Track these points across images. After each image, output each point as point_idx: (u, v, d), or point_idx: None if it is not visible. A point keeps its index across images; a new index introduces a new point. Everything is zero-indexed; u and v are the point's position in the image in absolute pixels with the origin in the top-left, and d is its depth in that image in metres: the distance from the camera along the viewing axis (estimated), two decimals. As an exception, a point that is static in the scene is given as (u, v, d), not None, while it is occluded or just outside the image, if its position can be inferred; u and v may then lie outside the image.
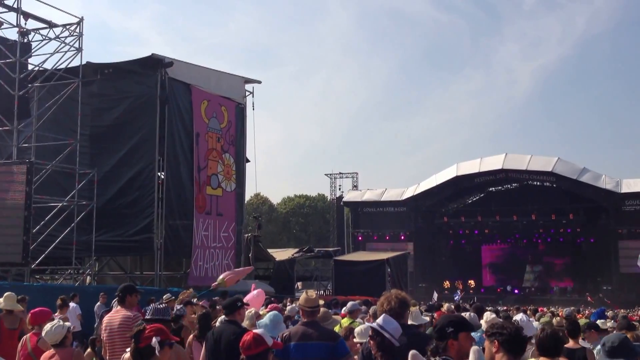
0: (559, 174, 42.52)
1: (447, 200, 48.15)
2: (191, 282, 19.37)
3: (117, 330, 6.30)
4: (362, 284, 22.99)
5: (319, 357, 5.22)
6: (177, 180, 19.68)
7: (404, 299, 4.79)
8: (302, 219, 71.29)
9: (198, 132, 20.42)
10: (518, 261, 47.26)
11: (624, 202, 42.27)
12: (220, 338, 5.67)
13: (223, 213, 21.48)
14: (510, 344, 3.36)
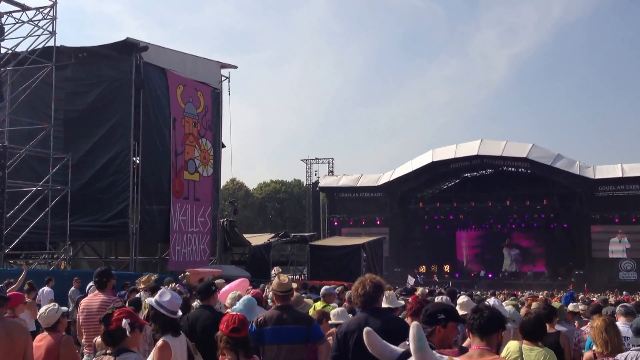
0: (533, 160, 43.09)
1: (422, 186, 48.58)
2: (171, 267, 19.47)
3: (95, 313, 6.37)
4: (338, 268, 23.20)
5: (294, 341, 5.29)
6: (153, 165, 19.63)
7: (379, 283, 4.83)
8: (278, 204, 71.41)
9: (175, 117, 20.35)
10: (492, 246, 48.00)
11: (597, 188, 43.02)
12: (196, 323, 5.70)
13: (200, 198, 21.51)
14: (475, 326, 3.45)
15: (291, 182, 75.16)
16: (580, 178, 42.51)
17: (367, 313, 4.64)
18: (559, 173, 42.83)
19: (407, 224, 48.10)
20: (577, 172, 42.71)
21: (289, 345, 5.26)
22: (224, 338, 4.01)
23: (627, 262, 42.55)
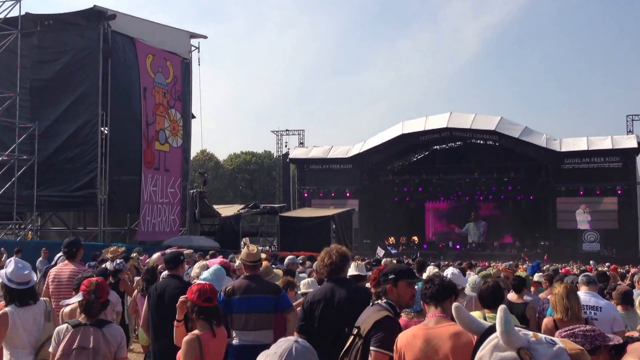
0: (501, 133, 43.49)
1: (392, 158, 48.80)
2: (140, 238, 19.46)
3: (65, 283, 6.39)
4: (308, 239, 23.34)
5: (262, 310, 5.35)
6: (122, 135, 19.45)
7: (345, 253, 4.88)
8: (248, 176, 71.21)
9: (145, 87, 20.14)
10: (460, 218, 48.66)
11: (563, 160, 43.71)
12: (164, 292, 5.68)
13: (170, 169, 21.43)
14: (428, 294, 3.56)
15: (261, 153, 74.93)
16: (547, 151, 43.20)
17: (333, 283, 4.71)
18: (526, 146, 43.41)
19: (376, 196, 48.42)
20: (544, 144, 43.35)
21: (257, 314, 5.33)
22: (196, 308, 4.03)
23: (590, 234, 43.74)
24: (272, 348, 2.23)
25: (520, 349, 1.29)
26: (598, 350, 2.92)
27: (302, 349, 2.20)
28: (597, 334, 2.99)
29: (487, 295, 5.20)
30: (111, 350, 3.94)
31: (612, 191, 42.93)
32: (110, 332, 4.00)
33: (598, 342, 2.92)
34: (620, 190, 42.75)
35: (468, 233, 48.24)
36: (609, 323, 5.51)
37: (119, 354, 4.00)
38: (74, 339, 3.91)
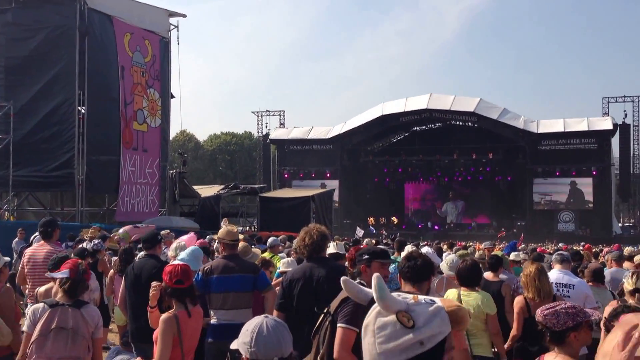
0: (480, 114, 43.84)
1: (372, 139, 48.93)
2: (119, 218, 19.33)
3: (41, 263, 6.36)
4: (288, 220, 23.33)
5: (240, 289, 5.38)
6: (100, 115, 19.23)
7: (324, 232, 4.91)
8: (229, 157, 70.94)
9: (123, 66, 19.88)
10: (439, 198, 49.11)
11: (540, 142, 44.20)
12: (141, 272, 5.66)
13: (148, 149, 21.27)
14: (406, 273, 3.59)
15: (242, 134, 74.60)
16: (525, 132, 43.66)
17: (312, 262, 4.73)
18: (504, 127, 43.83)
19: (356, 177, 48.62)
20: (522, 126, 43.78)
21: (235, 293, 5.34)
22: (169, 290, 4.04)
23: (565, 214, 44.50)
24: (245, 326, 2.26)
25: (399, 312, 1.33)
26: (580, 326, 3.02)
27: (273, 323, 2.23)
28: (578, 311, 3.09)
29: (465, 274, 5.32)
30: (89, 330, 3.93)
31: (588, 172, 43.63)
32: (88, 312, 3.98)
33: (580, 319, 3.02)
34: (595, 172, 43.47)
35: (447, 213, 48.76)
36: (581, 300, 5.61)
37: (95, 335, 3.99)
38: (52, 319, 3.87)
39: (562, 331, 3.04)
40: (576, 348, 3.05)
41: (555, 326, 3.06)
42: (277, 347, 2.19)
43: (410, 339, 1.33)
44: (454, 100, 45.14)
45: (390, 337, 1.33)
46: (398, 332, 1.34)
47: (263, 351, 2.17)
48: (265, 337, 2.18)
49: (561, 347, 3.03)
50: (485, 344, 5.26)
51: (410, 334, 1.33)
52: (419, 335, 1.34)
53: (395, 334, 1.34)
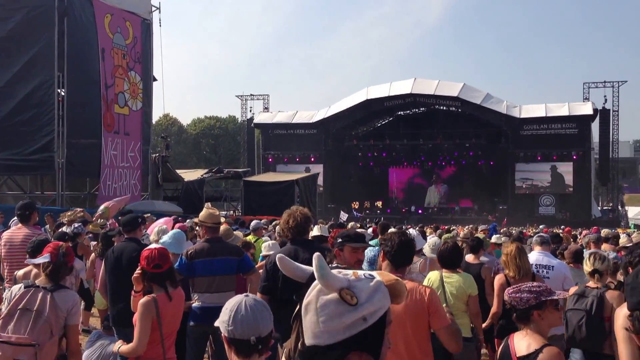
0: (464, 99, 44.11)
1: (356, 123, 48.97)
2: (100, 202, 19.10)
3: (18, 246, 6.29)
4: (272, 204, 23.33)
5: (225, 273, 5.36)
6: (80, 97, 18.95)
7: (307, 214, 4.91)
8: (213, 141, 70.61)
9: (103, 48, 19.57)
10: (423, 183, 49.44)
11: (522, 126, 44.68)
12: (122, 255, 5.59)
13: (130, 132, 21.05)
14: (392, 255, 3.57)
15: (226, 118, 74.20)
16: (507, 117, 44.01)
17: (296, 245, 4.73)
18: (487, 112, 44.14)
19: (341, 161, 48.70)
20: (505, 111, 44.13)
21: (220, 277, 5.32)
22: (148, 274, 4.01)
23: (546, 198, 45.04)
24: (225, 304, 2.25)
25: (341, 289, 1.33)
26: (544, 304, 3.04)
27: (252, 302, 2.22)
28: (542, 289, 3.10)
29: (446, 256, 5.36)
30: (59, 315, 3.83)
31: (568, 157, 44.23)
32: (61, 297, 3.86)
33: (543, 297, 3.04)
34: (575, 156, 44.05)
35: (430, 197, 49.09)
36: (560, 281, 5.74)
37: (69, 321, 3.89)
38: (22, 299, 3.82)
39: (526, 309, 3.06)
40: (542, 327, 3.08)
41: (519, 304, 3.09)
42: (255, 327, 2.19)
43: (354, 315, 1.33)
44: (437, 85, 45.27)
45: (334, 315, 1.33)
46: (341, 309, 1.33)
47: (240, 330, 2.16)
48: (243, 316, 2.17)
49: (527, 326, 3.07)
50: (465, 324, 5.27)
51: (354, 311, 1.33)
52: (362, 312, 1.34)
53: (339, 311, 1.33)
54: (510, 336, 3.19)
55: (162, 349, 3.95)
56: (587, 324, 4.52)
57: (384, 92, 46.17)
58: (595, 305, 4.52)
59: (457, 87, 44.89)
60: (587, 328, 4.52)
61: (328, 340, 1.33)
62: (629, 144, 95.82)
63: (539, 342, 3.00)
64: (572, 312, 4.66)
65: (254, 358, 2.24)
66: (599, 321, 4.49)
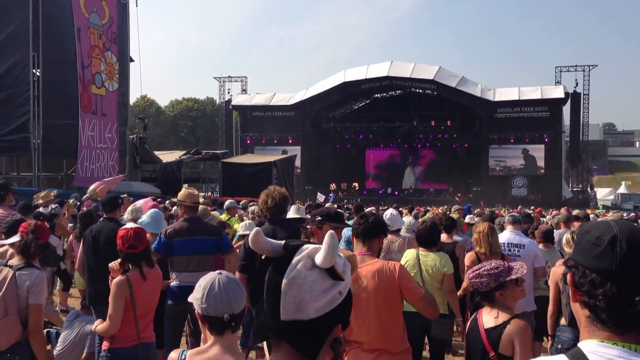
0: (439, 82, 44.38)
1: (334, 106, 49.03)
2: (77, 183, 19.10)
3: None
4: (250, 185, 23.41)
5: (204, 252, 5.37)
6: (56, 77, 18.78)
7: (285, 194, 4.95)
8: (191, 122, 70.12)
9: (79, 27, 19.37)
10: (399, 165, 49.81)
11: (496, 110, 45.16)
12: (100, 235, 5.53)
13: (107, 113, 20.95)
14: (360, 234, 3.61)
15: (204, 100, 73.69)
16: (482, 100, 44.48)
17: (274, 224, 4.74)
18: (462, 95, 44.53)
19: (318, 143, 48.85)
20: (479, 94, 44.58)
21: (199, 256, 5.33)
22: (123, 254, 3.98)
23: (518, 179, 45.86)
24: (199, 281, 2.30)
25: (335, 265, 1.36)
26: (505, 285, 3.17)
27: (225, 280, 2.27)
28: (500, 271, 3.20)
29: (424, 235, 5.48)
30: (20, 294, 3.73)
31: (540, 139, 44.96)
32: (22, 275, 3.77)
33: (502, 279, 3.16)
34: (547, 139, 44.80)
35: (406, 179, 49.59)
36: (531, 259, 5.86)
37: (30, 300, 3.77)
38: None
39: (488, 292, 3.17)
40: (508, 304, 3.18)
41: (481, 288, 3.20)
42: (228, 304, 2.24)
43: (335, 290, 1.35)
44: (414, 68, 45.51)
45: (321, 290, 1.34)
46: (327, 284, 1.35)
47: (214, 307, 2.22)
48: (216, 294, 2.22)
49: (493, 305, 3.18)
50: (441, 301, 5.34)
51: (336, 286, 1.36)
52: (341, 286, 1.37)
53: (325, 286, 1.34)
54: (479, 311, 3.28)
55: (136, 329, 3.90)
56: None
57: (361, 74, 46.28)
58: None
59: (432, 70, 45.20)
60: None
61: (312, 315, 1.34)
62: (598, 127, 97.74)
63: (507, 316, 3.12)
64: None
65: (227, 334, 2.30)
66: None
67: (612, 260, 1.28)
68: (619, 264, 1.26)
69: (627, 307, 1.27)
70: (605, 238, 1.30)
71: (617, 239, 1.29)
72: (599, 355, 1.26)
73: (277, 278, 1.39)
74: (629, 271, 1.26)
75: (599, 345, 1.28)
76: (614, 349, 1.26)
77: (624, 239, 1.28)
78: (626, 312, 1.27)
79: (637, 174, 78.90)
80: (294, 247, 1.43)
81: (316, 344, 1.37)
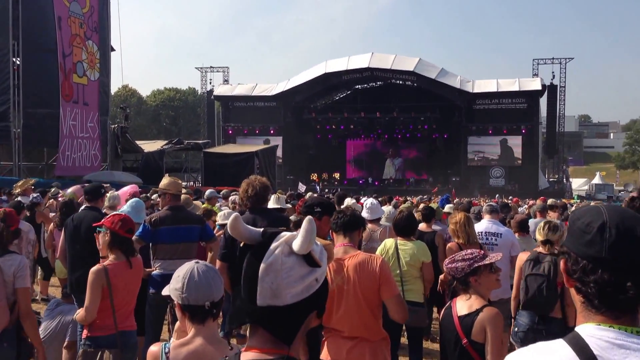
0: (419, 74, 44.68)
1: (315, 96, 49.14)
2: (59, 173, 19.05)
3: None
4: (232, 175, 23.47)
5: (189, 240, 5.44)
6: (36, 66, 18.67)
7: (266, 183, 4.95)
8: (173, 112, 69.75)
9: (60, 16, 19.25)
10: (379, 155, 50.16)
11: (475, 101, 45.65)
12: (81, 223, 5.53)
13: (89, 102, 20.88)
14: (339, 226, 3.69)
15: (186, 90, 73.36)
16: (461, 92, 44.90)
17: (255, 213, 4.75)
18: (442, 87, 44.87)
19: (299, 133, 48.97)
20: (458, 86, 44.98)
21: (183, 244, 5.38)
22: (120, 238, 3.93)
23: (496, 170, 46.53)
24: (175, 273, 2.31)
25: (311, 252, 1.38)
26: (479, 270, 3.22)
27: (204, 268, 2.28)
28: (475, 256, 3.27)
29: (402, 224, 5.54)
30: (6, 280, 3.76)
31: (517, 131, 45.60)
32: (6, 261, 3.79)
33: (477, 263, 3.23)
34: (524, 130, 45.46)
35: (387, 169, 49.98)
36: (508, 247, 6.02)
37: (17, 284, 3.79)
38: None
39: (464, 277, 3.23)
40: (482, 291, 3.23)
41: (457, 274, 3.25)
42: (208, 292, 2.25)
43: (312, 277, 1.36)
44: (394, 59, 45.75)
45: (298, 276, 1.35)
46: (304, 271, 1.36)
47: (195, 296, 2.22)
48: (196, 282, 2.22)
49: (468, 291, 3.23)
50: (417, 289, 5.42)
51: (314, 273, 1.37)
52: (317, 273, 1.38)
53: (302, 273, 1.35)
54: (454, 300, 3.30)
55: (113, 318, 3.85)
56: (548, 288, 4.64)
57: (342, 66, 46.41)
58: (552, 270, 4.65)
59: (413, 62, 45.50)
60: (547, 292, 4.64)
61: (289, 301, 1.34)
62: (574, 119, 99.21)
63: (480, 303, 3.16)
64: (532, 277, 4.75)
65: (209, 323, 2.29)
66: (556, 286, 4.63)
67: (601, 248, 1.28)
68: (608, 251, 1.27)
69: (618, 294, 1.27)
70: (595, 225, 1.30)
71: (606, 225, 1.29)
72: (596, 338, 1.27)
73: (255, 264, 1.39)
74: (618, 258, 1.27)
75: (595, 328, 1.28)
76: (611, 331, 1.27)
77: (613, 226, 1.28)
78: (617, 298, 1.27)
79: (611, 165, 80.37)
80: (272, 233, 1.43)
81: (291, 330, 1.38)
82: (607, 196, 46.21)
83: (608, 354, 1.24)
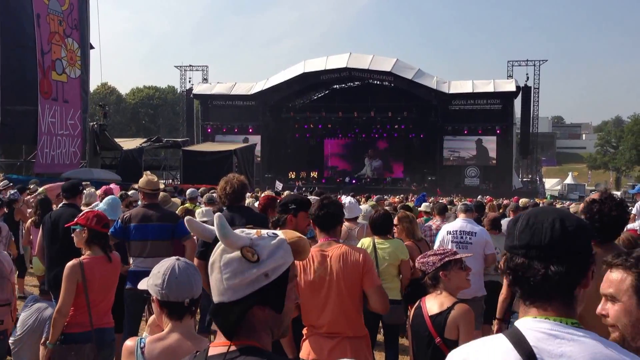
0: (396, 74, 45.13)
1: (294, 96, 49.34)
2: (38, 170, 19.01)
3: None
4: (210, 173, 23.50)
5: (159, 238, 5.44)
6: (14, 63, 18.61)
7: (244, 181, 4.99)
8: (152, 110, 69.38)
9: (38, 13, 19.19)
10: (357, 154, 50.52)
11: (451, 101, 46.30)
12: (59, 220, 5.55)
13: (69, 100, 20.84)
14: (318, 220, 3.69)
15: (165, 88, 73.01)
16: (437, 92, 45.47)
17: (232, 211, 4.77)
18: (418, 87, 45.39)
19: (278, 132, 49.16)
20: (435, 86, 45.55)
21: (154, 242, 5.41)
22: (97, 233, 3.95)
23: (471, 169, 47.27)
24: (155, 268, 2.31)
25: (243, 247, 1.38)
26: (449, 265, 3.31)
27: (184, 265, 2.30)
28: (445, 251, 3.40)
29: (378, 222, 5.56)
30: None
31: (492, 131, 46.37)
32: None
33: (447, 258, 3.33)
34: (499, 130, 46.24)
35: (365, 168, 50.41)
36: (482, 245, 6.14)
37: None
38: None
39: (434, 272, 3.31)
40: (451, 287, 3.29)
41: (428, 268, 3.33)
42: (189, 289, 2.26)
43: (255, 272, 1.36)
44: (372, 59, 46.19)
45: (236, 272, 1.36)
46: (243, 267, 1.36)
47: (175, 292, 2.23)
48: (177, 279, 2.23)
49: (438, 288, 3.30)
50: (395, 287, 5.41)
51: (255, 268, 1.36)
52: (263, 268, 1.37)
53: (241, 269, 1.36)
54: (422, 299, 3.33)
55: (88, 314, 3.83)
56: None
57: (320, 65, 46.70)
58: None
59: (390, 63, 45.96)
60: None
61: (232, 297, 1.35)
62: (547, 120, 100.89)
63: (450, 301, 3.20)
64: None
65: (186, 320, 2.29)
66: None
67: (513, 237, 1.43)
68: (518, 238, 1.41)
69: (530, 277, 1.37)
70: (514, 220, 1.47)
71: (519, 218, 1.45)
72: (533, 330, 1.34)
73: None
74: (524, 243, 1.40)
75: (533, 321, 1.36)
76: (547, 323, 1.34)
77: (525, 218, 1.43)
78: (529, 283, 1.37)
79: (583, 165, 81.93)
80: None
81: (230, 325, 1.39)
82: (579, 196, 47.13)
83: (543, 345, 1.31)
